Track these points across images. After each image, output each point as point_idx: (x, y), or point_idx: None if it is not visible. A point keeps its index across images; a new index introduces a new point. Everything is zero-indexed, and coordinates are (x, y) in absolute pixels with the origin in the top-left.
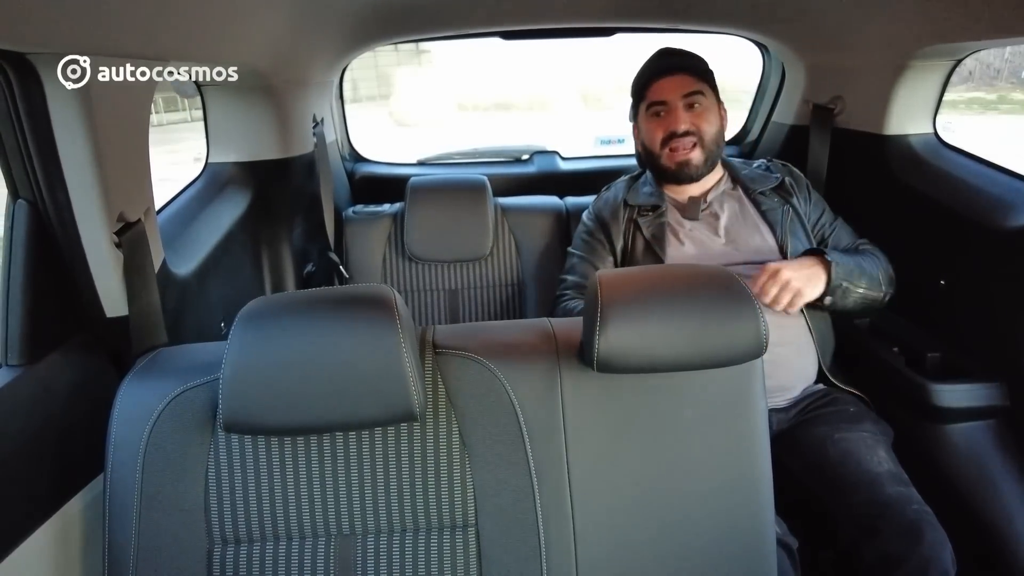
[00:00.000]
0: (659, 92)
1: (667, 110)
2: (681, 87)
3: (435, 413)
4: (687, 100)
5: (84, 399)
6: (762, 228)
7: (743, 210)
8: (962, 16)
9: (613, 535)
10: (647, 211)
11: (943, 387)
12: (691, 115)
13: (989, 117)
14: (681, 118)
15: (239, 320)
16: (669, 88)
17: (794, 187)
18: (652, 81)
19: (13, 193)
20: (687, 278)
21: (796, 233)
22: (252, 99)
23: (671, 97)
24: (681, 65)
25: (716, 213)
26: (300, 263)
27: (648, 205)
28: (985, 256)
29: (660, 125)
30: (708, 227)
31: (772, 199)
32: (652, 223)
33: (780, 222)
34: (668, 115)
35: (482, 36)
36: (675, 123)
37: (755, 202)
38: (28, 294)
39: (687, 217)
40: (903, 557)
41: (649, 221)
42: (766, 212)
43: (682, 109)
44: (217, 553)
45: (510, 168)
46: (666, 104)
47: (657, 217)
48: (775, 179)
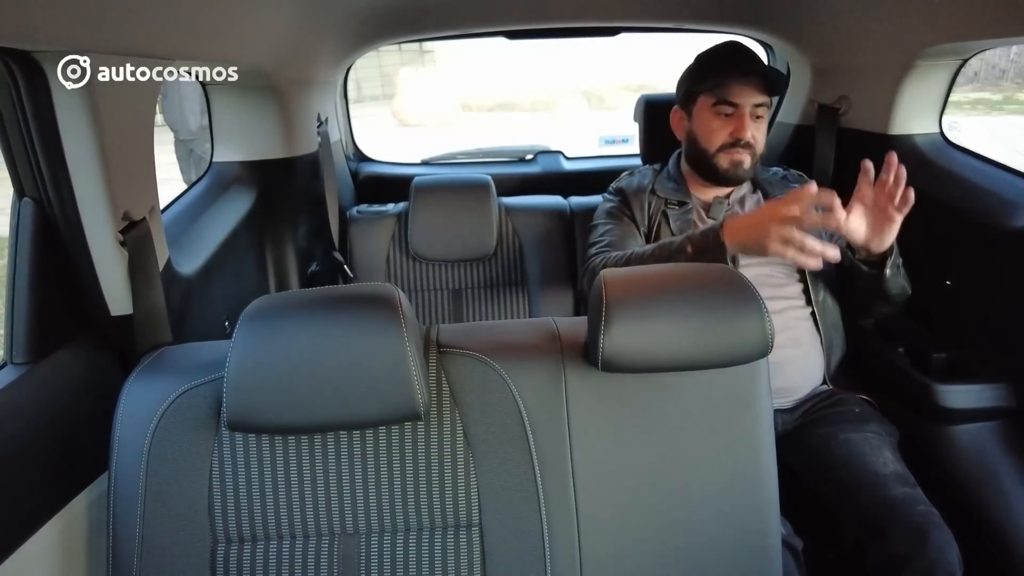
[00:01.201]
0: (734, 93)
1: (737, 114)
2: (755, 94)
3: (439, 412)
4: (755, 109)
5: (89, 397)
6: None
7: None
8: (968, 15)
9: (617, 535)
10: (675, 205)
11: (949, 388)
12: (754, 124)
13: (995, 117)
14: (748, 126)
15: (243, 319)
16: (745, 93)
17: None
18: (729, 79)
19: (19, 191)
20: (692, 277)
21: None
22: (257, 98)
23: (744, 102)
24: (759, 71)
25: (737, 214)
26: (304, 262)
27: (676, 200)
28: (991, 256)
29: (725, 126)
30: None
31: None
32: (680, 217)
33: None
34: (736, 119)
35: (486, 36)
36: (742, 131)
37: None
38: (33, 292)
39: (711, 216)
40: (909, 558)
41: (677, 215)
42: None
43: (750, 116)
44: (221, 551)
45: (514, 168)
46: (737, 107)
47: (685, 212)
48: (793, 186)
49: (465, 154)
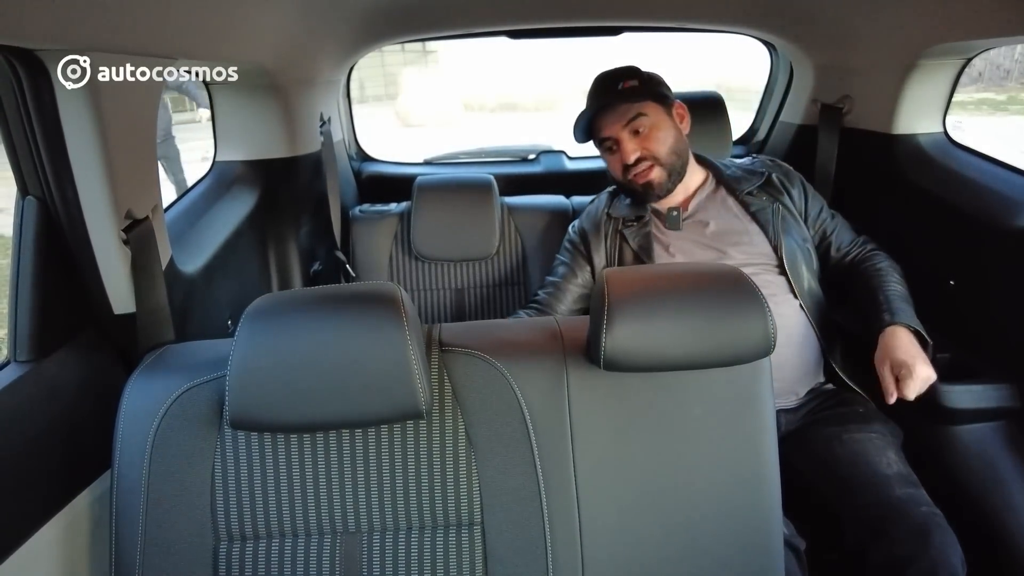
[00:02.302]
0: (602, 130)
1: (614, 145)
2: (620, 118)
3: (441, 411)
4: (630, 128)
5: (92, 395)
6: (752, 230)
7: (730, 213)
8: (971, 15)
9: (619, 534)
10: (631, 222)
11: (953, 388)
12: (638, 140)
13: (999, 118)
14: (629, 149)
15: (246, 317)
16: (609, 124)
17: (784, 183)
18: (594, 120)
19: (22, 190)
20: (694, 276)
21: (790, 231)
22: (260, 98)
23: (613, 131)
24: (615, 95)
25: (703, 220)
26: (307, 261)
27: (632, 216)
28: (995, 256)
29: (614, 160)
30: (696, 235)
31: (760, 198)
32: (638, 233)
33: (771, 221)
34: (618, 150)
35: (489, 35)
36: (625, 156)
37: (743, 203)
38: (37, 291)
39: (668, 227)
40: (912, 559)
41: (635, 232)
42: (756, 213)
43: (627, 139)
44: (223, 549)
45: (516, 167)
46: (611, 139)
47: (642, 227)
48: (760, 176)
49: (467, 154)
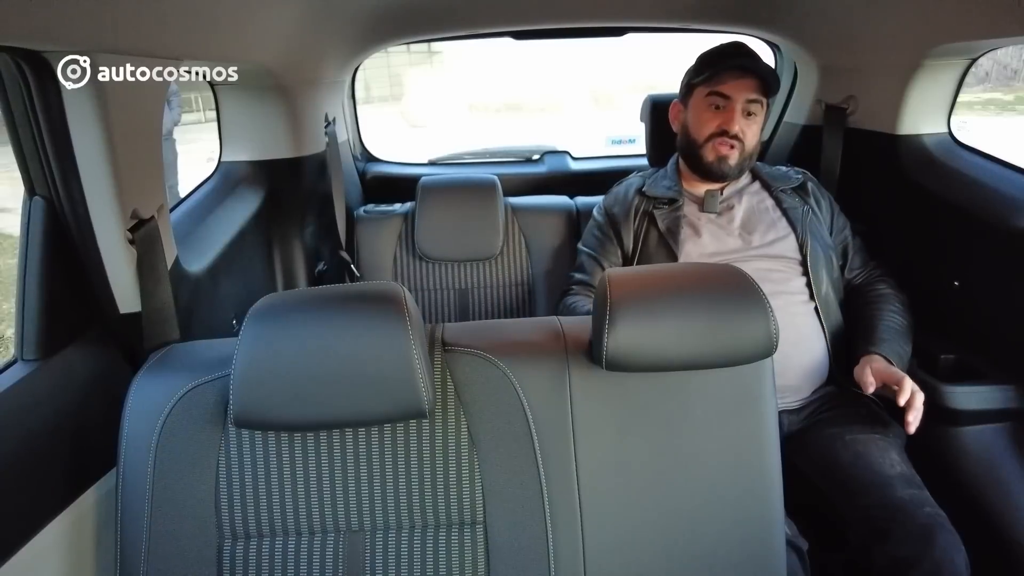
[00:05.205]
0: (727, 86)
1: (728, 107)
2: (748, 90)
3: (444, 410)
4: (748, 105)
5: (97, 394)
6: (780, 225)
7: (762, 206)
8: (976, 14)
9: (621, 534)
10: (663, 204)
11: (957, 389)
12: (745, 121)
13: (1006, 118)
14: (737, 120)
15: (250, 317)
16: (738, 87)
17: (816, 193)
18: (723, 73)
19: (29, 190)
20: (697, 276)
21: (817, 234)
22: (265, 98)
23: (736, 96)
24: (755, 69)
25: (732, 206)
26: (312, 261)
27: (665, 198)
28: (1000, 257)
29: (716, 117)
30: (725, 221)
31: (793, 198)
32: (668, 216)
33: (801, 221)
34: (726, 112)
35: (493, 36)
36: (730, 123)
37: (776, 199)
38: (43, 290)
39: (705, 210)
40: (915, 560)
41: (665, 214)
42: (788, 210)
43: (739, 112)
44: (228, 547)
45: (521, 168)
46: (729, 100)
47: (674, 211)
48: (795, 180)
49: (472, 154)
